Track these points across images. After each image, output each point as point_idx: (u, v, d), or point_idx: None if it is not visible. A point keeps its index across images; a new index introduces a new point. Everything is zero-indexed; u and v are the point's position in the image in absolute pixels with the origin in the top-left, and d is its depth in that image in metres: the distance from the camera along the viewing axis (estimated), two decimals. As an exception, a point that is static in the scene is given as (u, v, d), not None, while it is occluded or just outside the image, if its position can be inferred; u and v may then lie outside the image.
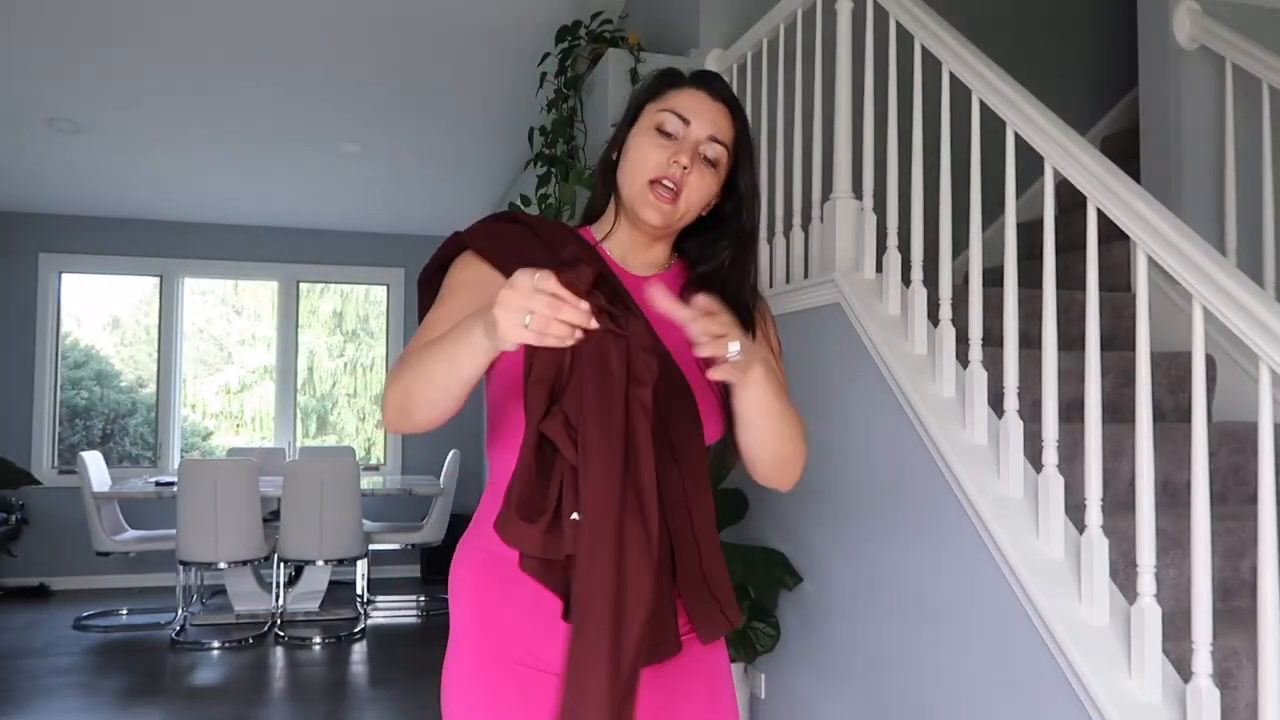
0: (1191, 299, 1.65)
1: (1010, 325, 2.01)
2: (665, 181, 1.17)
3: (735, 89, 3.21)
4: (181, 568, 5.14)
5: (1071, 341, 2.81)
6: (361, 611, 5.55)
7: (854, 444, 2.43)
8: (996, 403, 2.19)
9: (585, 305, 0.91)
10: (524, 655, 1.13)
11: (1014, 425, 1.98)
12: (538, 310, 0.90)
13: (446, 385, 1.04)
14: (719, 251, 1.26)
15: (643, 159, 1.19)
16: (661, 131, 1.19)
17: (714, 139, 1.20)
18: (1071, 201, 3.65)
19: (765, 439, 1.17)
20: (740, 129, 1.23)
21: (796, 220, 2.78)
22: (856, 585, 2.42)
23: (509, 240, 1.20)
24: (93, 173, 5.72)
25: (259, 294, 7.29)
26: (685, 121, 1.19)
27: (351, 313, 7.54)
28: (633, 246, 1.25)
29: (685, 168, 1.17)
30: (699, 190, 1.19)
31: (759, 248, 1.29)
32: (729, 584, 1.16)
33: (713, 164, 1.20)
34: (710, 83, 1.23)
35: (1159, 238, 1.71)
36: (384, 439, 7.31)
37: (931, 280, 2.34)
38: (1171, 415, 2.62)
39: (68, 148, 5.24)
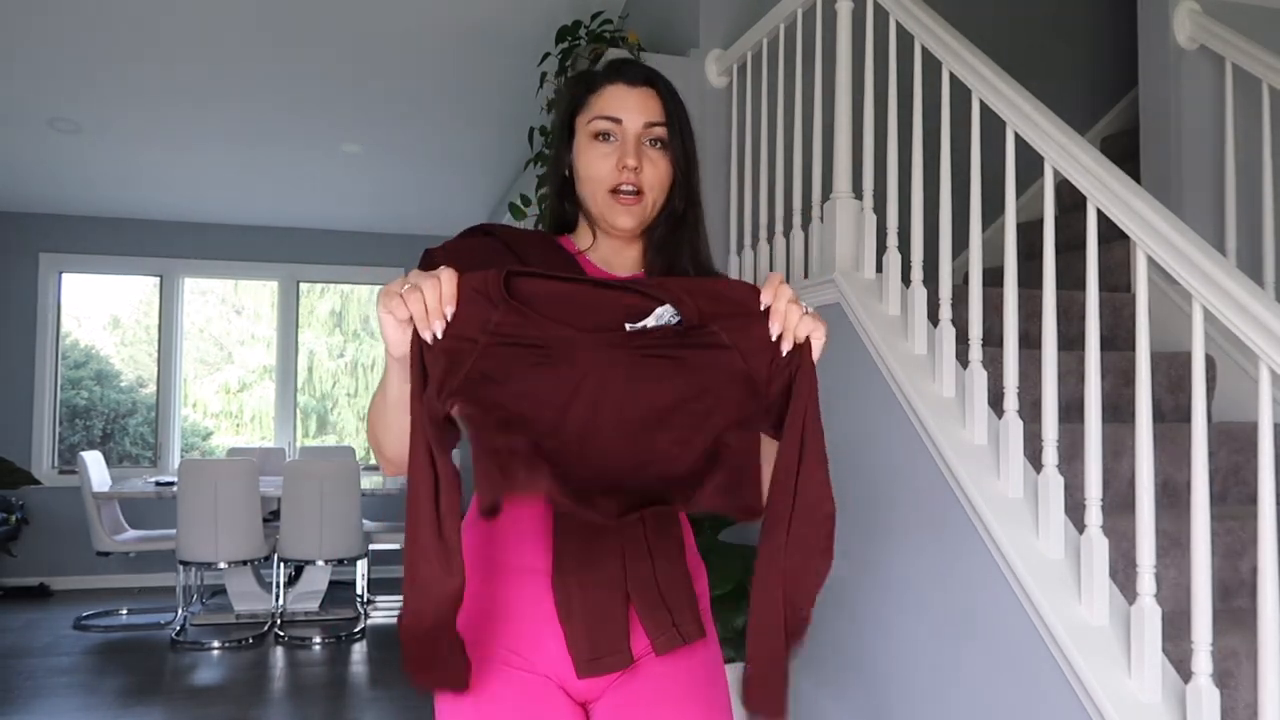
0: (1191, 299, 1.65)
1: (1010, 325, 2.01)
2: (624, 187, 1.17)
3: (735, 89, 3.21)
4: (181, 568, 5.14)
5: (1071, 341, 2.81)
6: (361, 611, 5.56)
7: (854, 444, 2.43)
8: (996, 403, 2.19)
9: (441, 303, 0.93)
10: (512, 656, 1.14)
11: (1014, 425, 1.98)
12: (404, 300, 0.93)
13: (385, 416, 1.05)
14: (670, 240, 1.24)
15: (594, 174, 1.19)
16: (600, 138, 1.19)
17: (650, 124, 1.19)
18: (1071, 201, 3.65)
19: None
20: (668, 102, 1.22)
21: (796, 220, 2.78)
22: (856, 585, 2.42)
23: (476, 255, 1.17)
24: (93, 173, 5.72)
25: (259, 294, 7.30)
26: (617, 121, 1.19)
27: (351, 313, 7.55)
28: (614, 253, 1.25)
29: (635, 167, 1.17)
30: (658, 178, 1.20)
31: (701, 216, 1.26)
32: (689, 596, 1.14)
33: (660, 143, 1.20)
34: (623, 71, 1.22)
35: (1159, 238, 1.71)
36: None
37: (931, 280, 2.34)
38: (1171, 415, 2.62)
39: (68, 148, 5.24)
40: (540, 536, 1.14)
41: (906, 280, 2.40)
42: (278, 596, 5.38)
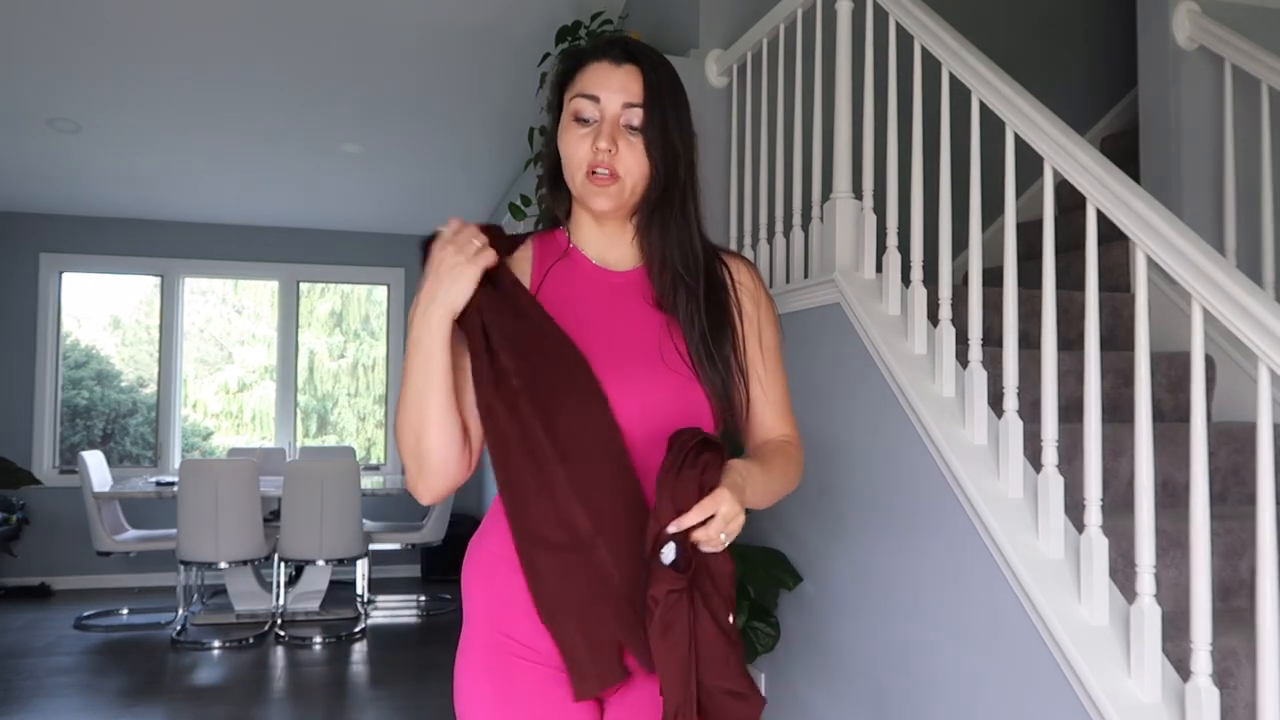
0: (1191, 299, 1.65)
1: (1010, 325, 2.01)
2: (598, 170, 1.15)
3: (735, 89, 3.22)
4: (182, 567, 5.14)
5: (1071, 341, 2.81)
6: (362, 611, 5.56)
7: (854, 444, 2.44)
8: (996, 403, 2.19)
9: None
10: (529, 652, 1.16)
11: (1014, 425, 1.98)
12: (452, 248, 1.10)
13: (428, 392, 1.10)
14: (658, 226, 1.22)
15: (571, 155, 1.18)
16: (579, 120, 1.17)
17: (630, 105, 1.16)
18: (1071, 201, 3.65)
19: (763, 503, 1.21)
20: (651, 82, 1.18)
21: (796, 220, 2.78)
22: (857, 585, 2.43)
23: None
24: (93, 173, 5.72)
25: (259, 294, 7.30)
26: (595, 99, 1.17)
27: (352, 313, 7.55)
28: (606, 241, 1.24)
29: (609, 150, 1.15)
30: (635, 159, 1.17)
31: (695, 192, 1.23)
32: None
33: (640, 129, 1.17)
34: (609, 50, 1.20)
35: (1158, 238, 1.71)
36: (384, 439, 7.31)
37: (931, 280, 2.34)
38: (1171, 415, 2.62)
39: (68, 148, 5.24)
40: None
41: (906, 280, 2.40)
42: (278, 596, 5.38)
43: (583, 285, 1.22)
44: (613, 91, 1.17)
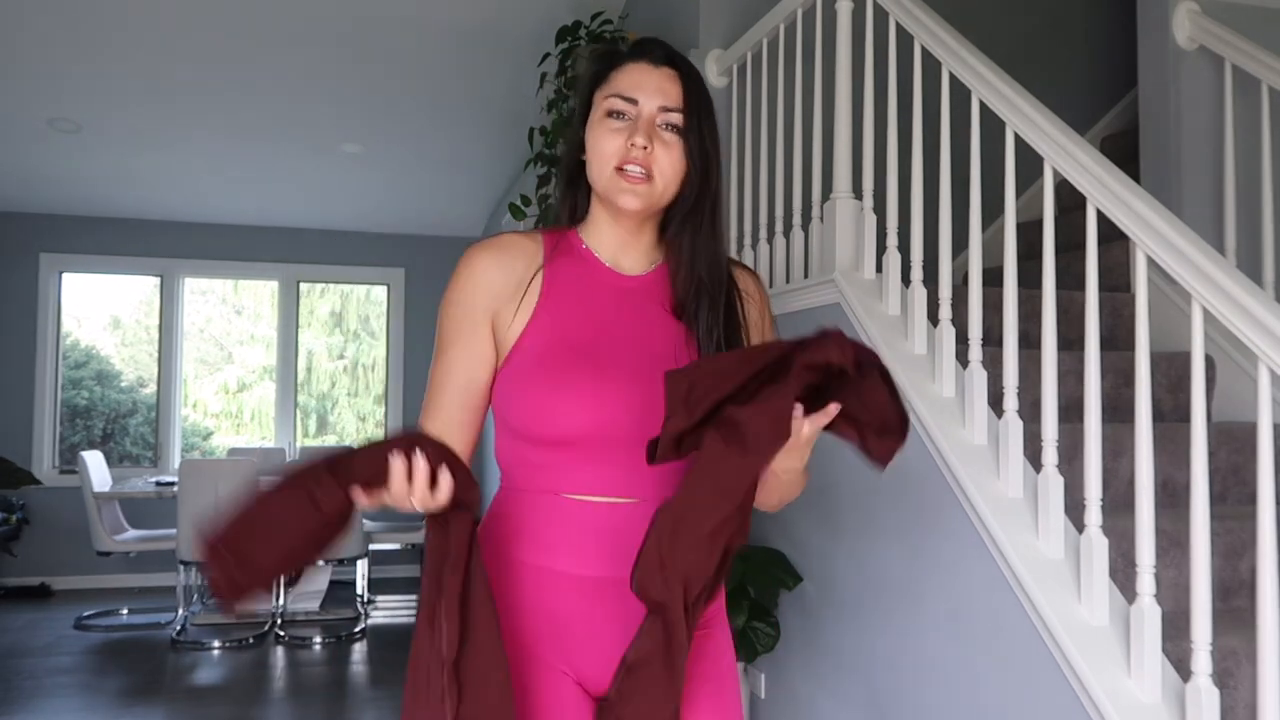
0: (1191, 299, 1.65)
1: (1010, 325, 2.01)
2: (629, 167, 1.13)
3: (735, 89, 3.21)
4: (182, 567, 5.14)
5: (1071, 341, 2.81)
6: (361, 611, 5.56)
7: (853, 444, 2.43)
8: (996, 403, 2.19)
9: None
10: (528, 653, 1.16)
11: (1014, 425, 1.98)
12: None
13: None
14: (686, 234, 1.20)
15: (602, 150, 1.15)
16: (613, 115, 1.15)
17: (666, 108, 1.15)
18: (1071, 201, 3.65)
19: (778, 491, 1.21)
20: (689, 87, 1.17)
21: (796, 220, 2.78)
22: (857, 585, 2.43)
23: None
24: (93, 173, 5.72)
25: (259, 294, 7.30)
26: (633, 101, 1.15)
27: (351, 313, 7.55)
28: (620, 244, 1.22)
29: (645, 147, 1.13)
30: (670, 162, 1.15)
31: (719, 216, 1.21)
32: None
33: (675, 129, 1.16)
34: (649, 51, 1.18)
35: (1158, 238, 1.71)
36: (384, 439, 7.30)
37: (931, 280, 2.34)
38: (1171, 415, 2.62)
39: (68, 148, 5.24)
40: (564, 540, 1.16)
41: (906, 280, 2.40)
42: (278, 596, 5.39)
43: (594, 287, 1.20)
44: (650, 93, 1.15)
